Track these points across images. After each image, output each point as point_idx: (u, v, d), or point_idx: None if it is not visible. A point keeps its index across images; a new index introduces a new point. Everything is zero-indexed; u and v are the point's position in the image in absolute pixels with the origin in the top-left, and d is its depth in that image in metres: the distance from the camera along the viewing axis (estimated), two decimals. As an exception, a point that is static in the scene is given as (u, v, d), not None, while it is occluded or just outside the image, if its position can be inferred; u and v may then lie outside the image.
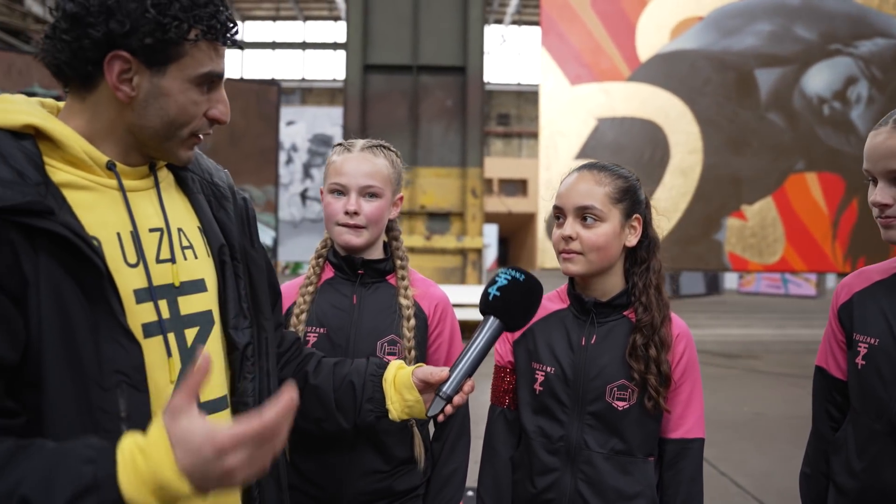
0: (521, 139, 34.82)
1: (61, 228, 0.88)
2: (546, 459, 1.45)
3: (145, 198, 1.05)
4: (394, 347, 1.53)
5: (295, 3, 28.64)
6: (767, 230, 10.26)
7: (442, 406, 1.19)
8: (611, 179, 1.46)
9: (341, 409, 1.30)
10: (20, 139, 0.94)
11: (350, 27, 9.74)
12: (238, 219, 1.19)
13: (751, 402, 6.36)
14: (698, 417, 1.49)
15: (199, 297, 1.07)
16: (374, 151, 1.57)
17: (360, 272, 1.57)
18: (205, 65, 1.01)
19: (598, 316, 1.47)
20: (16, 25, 19.43)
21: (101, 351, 0.91)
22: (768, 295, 20.58)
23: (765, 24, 10.49)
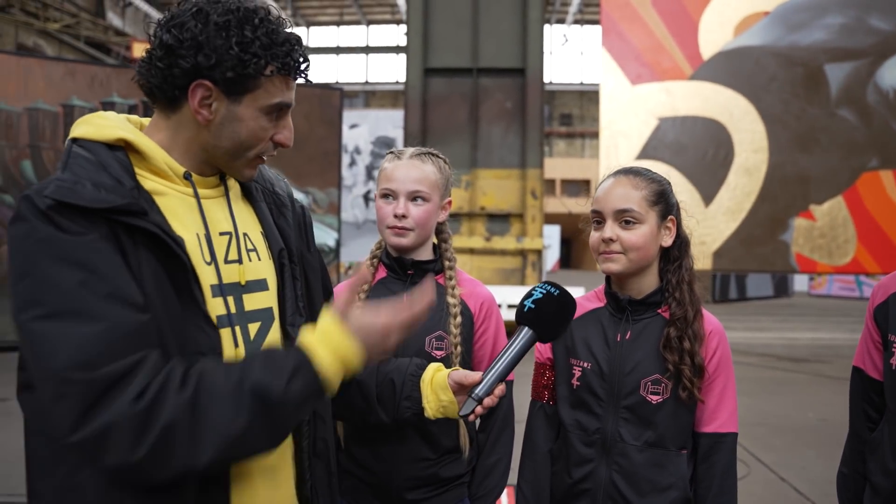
0: (583, 139, 34.47)
1: (153, 227, 1.03)
2: (582, 451, 1.53)
3: (216, 205, 1.19)
4: (441, 343, 1.63)
5: (358, 7, 29.14)
6: (838, 230, 9.92)
7: (473, 407, 1.28)
8: (646, 183, 1.54)
9: (382, 403, 1.40)
10: (114, 150, 1.09)
11: (410, 31, 9.91)
12: (296, 225, 1.31)
13: (816, 408, 6.21)
14: (731, 412, 1.54)
15: (262, 295, 1.19)
16: (423, 158, 1.68)
17: (410, 272, 1.68)
18: (276, 96, 1.13)
19: (634, 313, 1.55)
20: (99, 39, 20.45)
21: (186, 333, 1.05)
22: (841, 298, 19.81)
23: (836, 16, 10.15)
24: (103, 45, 20.96)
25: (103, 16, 22.29)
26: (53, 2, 19.25)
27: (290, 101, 1.16)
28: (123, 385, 0.94)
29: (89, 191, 1.00)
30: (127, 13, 24.16)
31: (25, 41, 17.92)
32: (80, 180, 1.01)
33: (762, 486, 4.22)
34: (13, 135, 8.20)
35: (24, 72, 8.27)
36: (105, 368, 0.94)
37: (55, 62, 9.25)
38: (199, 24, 1.07)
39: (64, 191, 0.99)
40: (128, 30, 23.33)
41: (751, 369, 8.12)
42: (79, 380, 0.93)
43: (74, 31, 19.47)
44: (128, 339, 0.97)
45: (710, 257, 9.74)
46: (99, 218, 1.00)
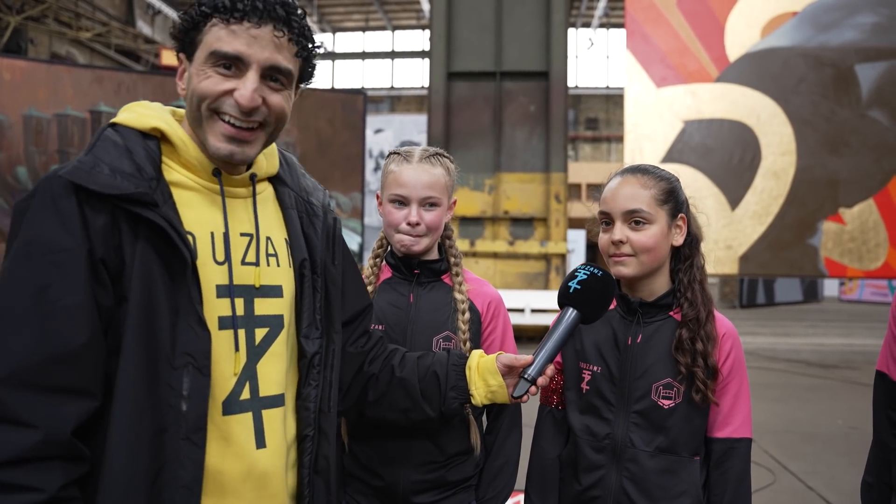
0: (609, 143, 34.20)
1: (160, 220, 1.02)
2: (592, 457, 1.49)
3: (242, 205, 1.17)
4: (448, 343, 1.61)
5: (384, 13, 29.28)
6: (868, 234, 9.71)
7: (527, 388, 1.29)
8: (655, 182, 1.50)
9: (427, 398, 1.39)
10: (147, 139, 1.09)
11: (434, 36, 9.92)
12: (324, 236, 1.28)
13: (846, 415, 6.06)
14: (745, 417, 1.49)
15: (274, 302, 1.17)
16: (432, 161, 1.65)
17: (416, 272, 1.66)
18: (214, 45, 1.07)
19: (645, 316, 1.51)
20: (128, 47, 20.81)
21: (176, 333, 1.03)
22: (873, 303, 19.41)
23: (868, 15, 9.95)
24: (133, 52, 21.30)
25: (133, 24, 22.66)
26: (85, 11, 19.63)
27: (233, 50, 1.06)
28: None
29: (104, 176, 1.01)
30: (156, 21, 24.55)
31: (59, 50, 18.29)
32: (99, 163, 1.02)
33: (789, 494, 4.12)
34: (42, 140, 8.37)
35: (53, 79, 8.44)
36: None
37: (83, 69, 9.42)
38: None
39: (80, 173, 1.00)
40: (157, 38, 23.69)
41: (779, 375, 7.97)
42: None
43: (105, 39, 19.82)
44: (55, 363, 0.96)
45: (736, 261, 9.60)
46: (106, 204, 1.00)
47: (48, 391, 0.96)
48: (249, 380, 1.12)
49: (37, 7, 17.38)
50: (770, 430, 5.34)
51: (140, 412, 1.00)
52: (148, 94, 8.72)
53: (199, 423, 1.04)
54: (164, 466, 1.01)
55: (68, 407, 0.97)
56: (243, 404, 1.11)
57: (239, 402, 1.11)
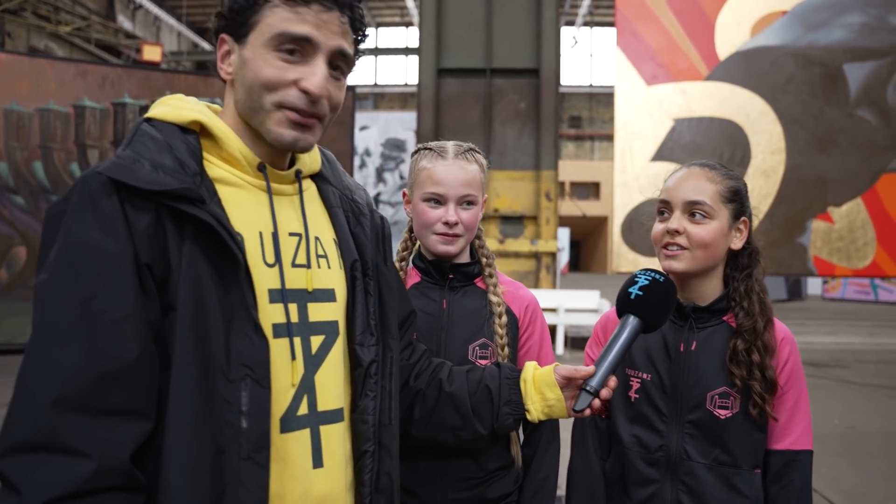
0: (593, 141, 34.33)
1: (208, 217, 0.93)
2: (644, 470, 1.41)
3: (288, 203, 1.08)
4: (485, 351, 1.51)
5: (367, 10, 29.08)
6: (857, 233, 9.77)
7: (589, 400, 1.20)
8: (722, 178, 1.42)
9: (478, 414, 1.29)
10: (186, 133, 1.00)
11: (423, 32, 9.82)
12: (373, 236, 1.20)
13: (842, 415, 6.06)
14: (806, 427, 1.42)
15: (328, 307, 1.08)
16: (468, 157, 1.54)
17: (450, 276, 1.56)
18: (277, 27, 0.98)
19: (697, 321, 1.43)
20: (109, 42, 20.48)
21: (230, 342, 0.93)
22: (856, 301, 19.62)
23: (856, 15, 10.01)
24: (113, 47, 20.98)
25: (114, 18, 22.31)
26: (65, 5, 19.28)
27: (306, 33, 0.98)
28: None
29: (146, 171, 0.92)
30: (137, 16, 24.19)
31: (37, 44, 17.95)
32: (140, 159, 0.94)
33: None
34: (24, 136, 8.14)
35: (36, 73, 8.21)
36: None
37: (66, 63, 9.19)
38: None
39: (120, 168, 0.92)
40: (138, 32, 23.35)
41: (771, 374, 7.97)
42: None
43: (85, 33, 19.49)
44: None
45: (727, 260, 9.59)
46: (149, 202, 0.92)
47: (100, 413, 0.86)
48: (307, 393, 1.03)
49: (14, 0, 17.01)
50: (769, 430, 5.31)
51: (196, 432, 0.90)
52: (133, 89, 8.58)
53: (262, 441, 0.94)
54: (226, 490, 0.91)
55: (123, 430, 0.87)
56: (301, 420, 1.01)
57: (297, 419, 1.01)
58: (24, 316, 8.00)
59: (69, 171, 8.38)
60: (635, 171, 10.00)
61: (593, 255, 35.95)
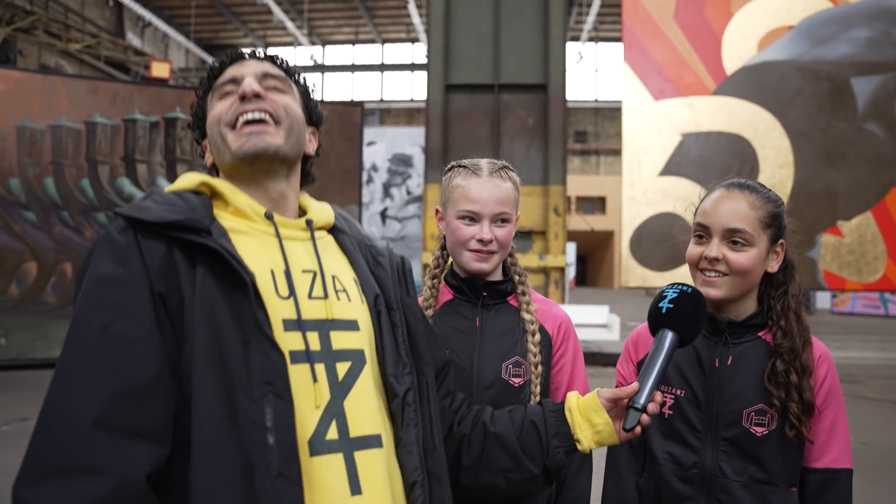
0: (598, 156, 34.37)
1: (214, 244, 0.98)
2: (678, 487, 1.39)
3: (301, 246, 1.12)
4: (518, 369, 1.50)
5: (373, 26, 29.31)
6: (867, 247, 9.72)
7: (638, 417, 1.19)
8: (763, 203, 1.40)
9: (528, 453, 1.26)
10: (198, 195, 1.10)
11: (431, 48, 9.87)
12: (393, 272, 1.22)
13: (856, 431, 5.94)
14: (845, 445, 1.39)
15: (352, 335, 1.09)
16: (502, 175, 1.54)
17: (484, 294, 1.55)
18: (213, 89, 1.18)
19: (732, 336, 1.41)
20: (118, 59, 20.66)
21: (249, 362, 0.94)
22: (866, 315, 19.49)
23: (862, 30, 10.04)
24: (122, 64, 21.16)
25: (123, 36, 22.54)
26: (75, 23, 19.49)
27: (229, 76, 1.17)
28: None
29: (157, 208, 1.02)
30: (146, 33, 24.42)
31: (48, 61, 18.12)
32: (154, 203, 1.04)
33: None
34: (36, 152, 8.20)
35: (48, 90, 8.29)
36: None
37: (78, 80, 9.27)
38: None
39: (135, 208, 1.02)
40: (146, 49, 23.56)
41: (783, 389, 7.91)
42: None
43: (95, 51, 19.67)
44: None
45: (737, 274, 9.56)
46: (161, 237, 0.99)
47: (117, 432, 0.89)
48: (336, 418, 1.02)
49: (26, 18, 17.20)
50: (784, 446, 5.26)
51: (224, 455, 0.91)
52: (144, 105, 8.64)
53: (291, 456, 0.93)
54: None
55: (140, 450, 0.90)
56: (331, 445, 1.00)
57: (326, 443, 1.00)
58: (34, 331, 8.02)
59: (80, 188, 8.43)
60: (643, 186, 10.00)
61: (600, 269, 35.88)
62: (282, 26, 26.15)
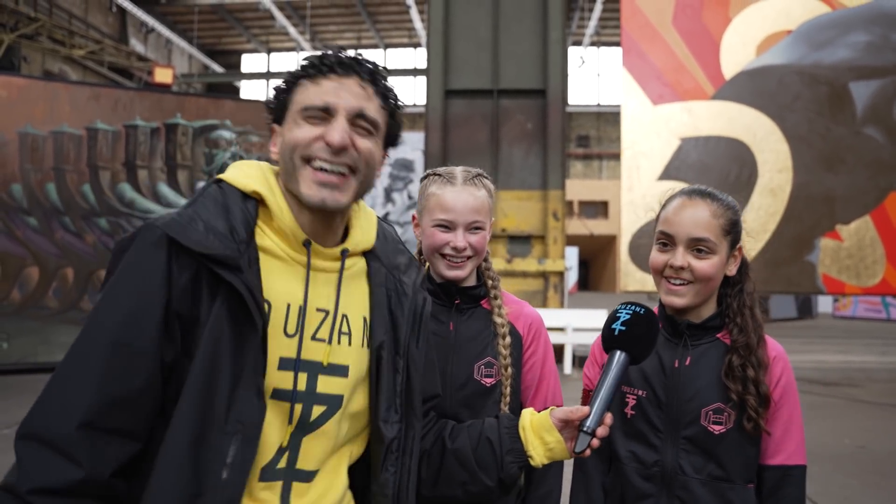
0: (601, 161, 34.41)
1: (241, 286, 1.02)
2: (640, 485, 1.43)
3: (326, 280, 1.15)
4: (490, 370, 1.55)
5: (376, 31, 29.43)
6: (866, 251, 9.74)
7: (588, 441, 1.22)
8: (723, 211, 1.44)
9: (483, 467, 1.31)
10: (247, 200, 1.12)
11: (431, 53, 9.93)
12: (410, 317, 1.24)
13: (853, 434, 6.01)
14: (799, 443, 1.44)
15: (338, 381, 1.14)
16: (476, 183, 1.59)
17: (457, 301, 1.60)
18: (304, 100, 1.12)
19: (692, 338, 1.46)
20: (122, 64, 20.79)
21: (233, 399, 1.02)
22: (867, 319, 19.46)
23: (861, 34, 10.07)
24: (126, 70, 21.29)
25: (126, 42, 22.68)
26: (79, 29, 19.62)
27: (324, 103, 1.11)
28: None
29: (198, 233, 1.04)
30: (149, 39, 24.56)
31: (52, 67, 18.24)
32: (196, 220, 1.06)
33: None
34: (38, 158, 8.28)
35: (50, 96, 8.37)
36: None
37: (80, 86, 9.35)
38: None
39: (175, 226, 1.04)
40: (150, 55, 23.70)
41: (781, 393, 7.91)
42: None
43: (98, 56, 19.80)
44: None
45: (735, 278, 9.57)
46: (194, 261, 1.03)
47: (101, 431, 0.99)
48: (290, 451, 1.10)
49: (30, 25, 17.33)
50: (778, 450, 5.28)
51: (182, 470, 0.99)
52: (144, 112, 8.71)
53: (235, 495, 1.01)
54: None
55: (114, 449, 1.00)
56: (277, 473, 1.09)
57: (274, 470, 1.09)
58: (36, 335, 8.08)
59: (81, 193, 8.50)
60: (642, 191, 10.03)
61: (602, 273, 35.88)
62: (284, 31, 26.27)
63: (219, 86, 28.50)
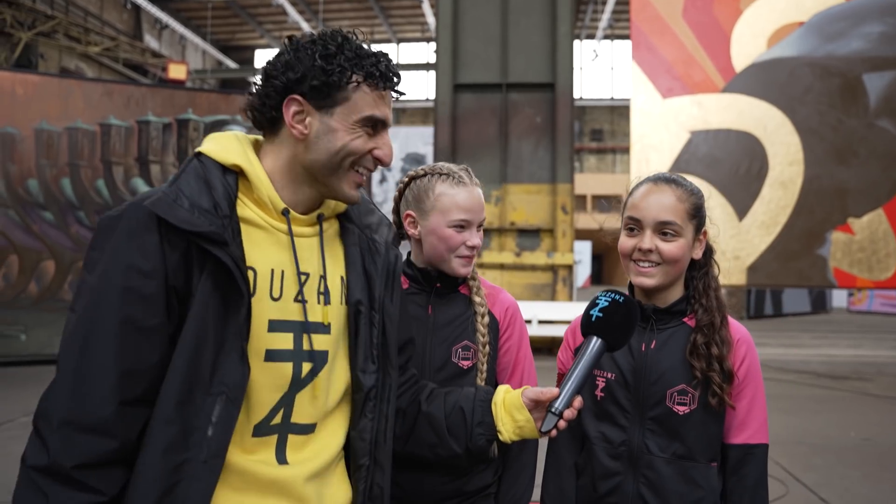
0: (614, 154, 34.25)
1: (228, 259, 1.09)
2: (608, 464, 1.49)
3: (308, 244, 1.22)
4: (467, 353, 1.61)
5: (388, 26, 29.46)
6: (878, 244, 9.65)
7: (555, 422, 1.28)
8: (688, 196, 1.50)
9: (453, 434, 1.38)
10: (227, 173, 1.17)
11: (440, 48, 9.97)
12: (384, 273, 1.31)
13: (858, 427, 6.01)
14: (762, 423, 1.48)
15: (323, 338, 1.21)
16: (476, 182, 1.66)
17: (438, 285, 1.66)
18: (366, 110, 1.16)
19: (658, 322, 1.51)
20: (136, 61, 20.99)
21: (218, 363, 1.10)
22: (883, 314, 19.27)
23: (875, 25, 9.96)
24: (140, 66, 21.49)
25: (141, 38, 22.88)
26: (94, 26, 19.83)
27: (385, 116, 1.19)
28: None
29: (184, 211, 1.09)
30: (163, 35, 24.77)
31: (68, 64, 18.46)
32: (181, 197, 1.11)
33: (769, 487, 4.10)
34: (54, 153, 8.43)
35: (64, 93, 8.52)
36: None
37: (93, 83, 9.51)
38: (291, 49, 1.17)
39: (162, 205, 1.09)
40: (164, 51, 23.90)
41: (789, 386, 7.91)
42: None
43: (113, 53, 20.00)
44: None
45: (744, 272, 9.55)
46: (183, 238, 1.09)
47: (128, 405, 1.07)
48: (285, 407, 1.17)
49: (47, 23, 17.55)
50: (781, 442, 5.29)
51: (170, 426, 1.07)
52: (157, 108, 8.83)
53: (220, 451, 1.09)
54: (181, 483, 1.07)
55: (139, 416, 1.08)
56: (272, 428, 1.17)
57: (268, 426, 1.16)
58: (53, 328, 8.23)
59: (96, 188, 8.65)
60: (652, 184, 9.99)
61: (615, 268, 35.74)
62: (297, 27, 26.37)
63: (232, 81, 28.67)
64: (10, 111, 8.21)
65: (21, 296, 8.32)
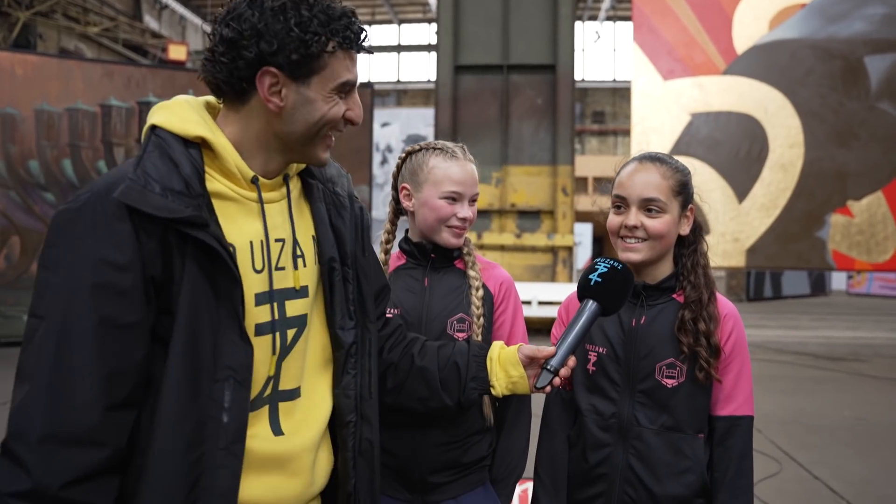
0: (616, 136, 34.13)
1: (212, 240, 1.04)
2: (599, 435, 1.54)
3: (277, 209, 1.18)
4: (462, 325, 1.66)
5: (390, 7, 29.27)
6: (877, 227, 9.69)
7: (549, 379, 1.32)
8: (672, 173, 1.54)
9: (446, 388, 1.42)
10: (189, 146, 1.09)
11: (441, 29, 9.93)
12: (353, 226, 1.29)
13: (853, 407, 6.08)
14: (747, 396, 1.53)
15: (301, 302, 1.20)
16: (470, 158, 1.71)
17: (433, 256, 1.70)
18: (343, 75, 1.13)
19: (648, 298, 1.55)
20: (136, 41, 20.88)
21: (218, 347, 1.06)
22: (882, 297, 19.31)
23: (877, 6, 9.91)
24: (140, 47, 21.38)
25: (140, 19, 22.73)
26: (93, 6, 19.71)
27: (356, 77, 1.15)
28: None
29: (156, 197, 1.01)
30: (163, 16, 24.61)
31: (67, 45, 18.37)
32: (150, 182, 1.02)
33: (795, 484, 4.16)
34: (54, 134, 8.44)
35: (64, 74, 8.50)
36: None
37: (94, 64, 9.48)
38: (256, 13, 1.07)
39: (132, 194, 1.01)
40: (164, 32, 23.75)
41: (786, 367, 7.98)
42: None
43: (113, 34, 19.90)
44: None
45: (743, 254, 9.60)
46: (158, 225, 1.02)
47: (114, 409, 1.01)
48: (274, 378, 1.16)
49: (45, 2, 17.44)
50: (776, 421, 5.36)
51: (183, 424, 1.03)
52: (157, 88, 8.81)
53: (239, 435, 1.07)
54: (204, 474, 1.04)
55: (127, 419, 1.03)
56: (263, 400, 1.15)
57: (261, 399, 1.15)
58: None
59: (96, 169, 8.66)
60: (652, 166, 9.99)
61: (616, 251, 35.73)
62: (298, 8, 26.17)
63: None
64: (10, 92, 8.20)
65: (23, 276, 8.36)
